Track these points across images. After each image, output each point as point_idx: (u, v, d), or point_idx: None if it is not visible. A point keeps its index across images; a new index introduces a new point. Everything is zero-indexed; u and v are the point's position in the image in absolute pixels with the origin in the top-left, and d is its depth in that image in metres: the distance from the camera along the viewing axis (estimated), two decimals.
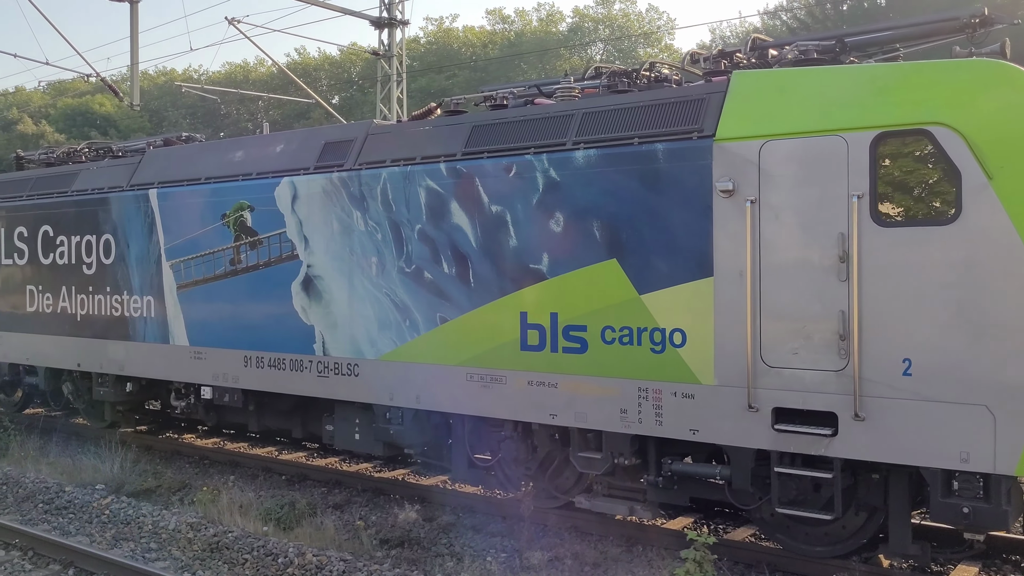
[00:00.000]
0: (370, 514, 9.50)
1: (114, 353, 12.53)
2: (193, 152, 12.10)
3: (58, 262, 13.33)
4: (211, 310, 11.27)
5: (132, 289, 12.26)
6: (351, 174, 9.88)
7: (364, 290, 9.72)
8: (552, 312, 8.34)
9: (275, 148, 11.00)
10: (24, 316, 13.87)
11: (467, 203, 8.93)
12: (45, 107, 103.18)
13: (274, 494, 10.37)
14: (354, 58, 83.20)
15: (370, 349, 9.69)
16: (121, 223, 12.41)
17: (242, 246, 10.92)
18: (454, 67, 68.19)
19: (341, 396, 10.00)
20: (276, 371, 10.56)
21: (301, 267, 10.31)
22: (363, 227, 9.74)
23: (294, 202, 10.39)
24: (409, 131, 9.76)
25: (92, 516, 9.10)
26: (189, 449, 12.94)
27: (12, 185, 14.48)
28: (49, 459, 12.29)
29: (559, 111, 8.61)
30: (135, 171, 12.55)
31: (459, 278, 8.97)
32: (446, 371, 9.06)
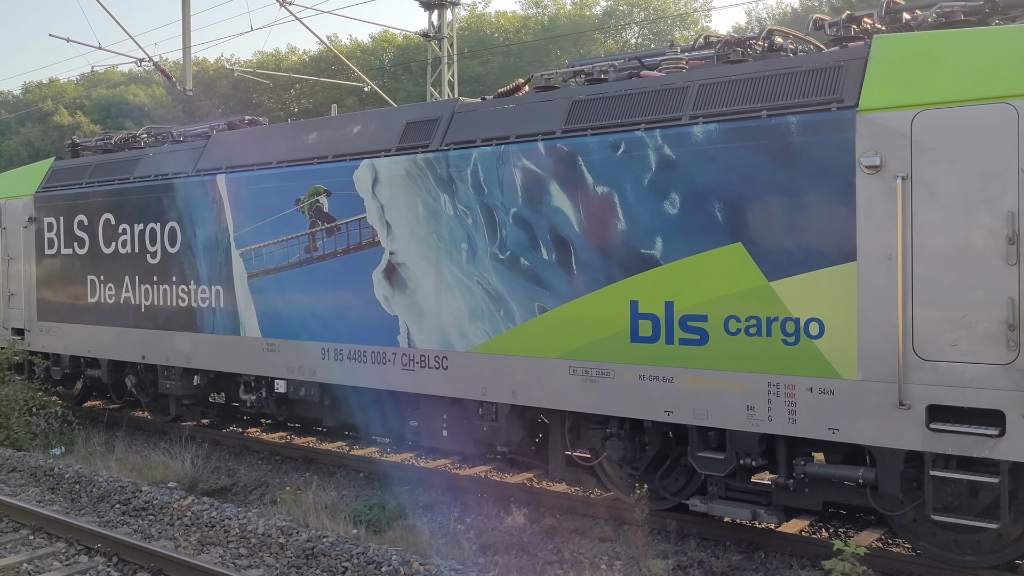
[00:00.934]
0: (463, 516, 8.95)
1: (181, 345, 12.08)
2: (263, 135, 11.58)
3: (120, 251, 12.90)
4: (285, 300, 10.77)
5: (199, 279, 11.79)
6: (437, 155, 9.30)
7: (453, 278, 9.16)
8: (667, 301, 7.72)
9: (352, 129, 10.44)
10: (85, 307, 13.47)
11: (568, 184, 8.32)
12: (79, 98, 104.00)
13: (357, 493, 9.87)
14: (386, 45, 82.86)
15: (460, 341, 9.12)
16: (187, 210, 11.94)
17: (318, 233, 10.39)
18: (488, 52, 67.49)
19: (428, 390, 9.46)
20: (356, 364, 10.04)
21: (383, 254, 9.76)
22: (452, 211, 9.16)
23: (375, 186, 9.83)
24: (500, 109, 9.16)
25: (173, 518, 8.63)
26: (258, 444, 12.48)
27: (71, 172, 14.07)
28: (116, 455, 11.88)
29: (672, 83, 7.96)
30: (201, 156, 12.06)
31: (560, 265, 8.37)
32: (546, 364, 8.48)
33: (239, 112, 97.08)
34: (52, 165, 14.64)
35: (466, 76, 57.19)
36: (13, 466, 10.79)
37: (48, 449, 12.26)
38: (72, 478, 10.04)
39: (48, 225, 14.11)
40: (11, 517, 8.88)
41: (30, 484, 10.25)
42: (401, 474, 10.71)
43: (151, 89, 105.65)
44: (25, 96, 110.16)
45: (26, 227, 14.49)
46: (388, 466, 11.04)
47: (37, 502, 9.51)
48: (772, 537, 8.13)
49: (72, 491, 9.80)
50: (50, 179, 14.36)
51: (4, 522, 8.83)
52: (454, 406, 9.45)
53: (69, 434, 12.71)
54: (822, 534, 8.40)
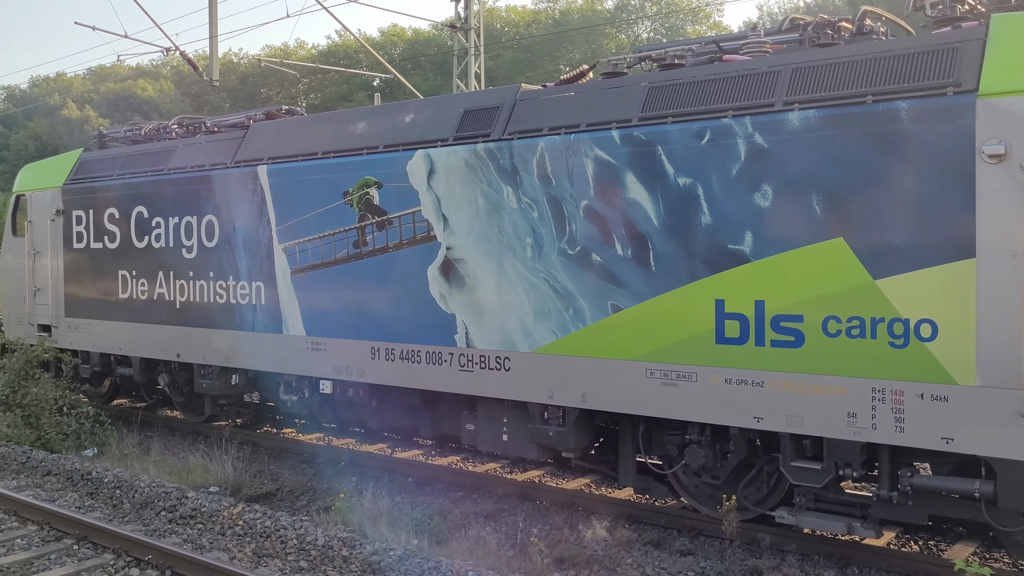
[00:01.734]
0: (529, 526, 8.48)
1: (219, 343, 11.62)
2: (307, 124, 11.10)
3: (154, 245, 12.43)
4: (332, 297, 10.29)
5: (239, 274, 11.32)
6: (500, 144, 8.82)
7: (517, 275, 8.67)
8: (758, 300, 7.23)
9: (404, 118, 9.96)
10: (116, 303, 13.01)
11: (647, 175, 7.83)
12: (87, 92, 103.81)
13: (411, 500, 9.39)
14: (395, 39, 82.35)
15: (524, 341, 8.64)
16: (226, 203, 11.46)
17: (368, 227, 9.91)
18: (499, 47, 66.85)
19: (488, 393, 8.98)
20: (409, 364, 9.56)
21: (439, 249, 9.28)
22: (515, 204, 8.68)
23: (430, 177, 9.35)
24: (569, 95, 8.66)
25: (224, 527, 8.17)
26: (297, 446, 12.01)
27: (100, 164, 13.60)
28: (152, 457, 11.42)
29: (762, 67, 7.46)
30: (240, 146, 11.59)
31: (636, 261, 7.88)
32: (620, 366, 7.99)
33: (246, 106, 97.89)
34: (80, 156, 14.18)
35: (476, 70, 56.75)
36: (48, 469, 10.34)
37: (80, 450, 11.81)
38: (112, 483, 9.57)
39: (76, 218, 13.66)
40: (52, 525, 8.42)
41: (67, 488, 9.80)
42: (452, 479, 10.24)
43: (159, 83, 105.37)
44: (32, 90, 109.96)
45: (53, 220, 14.03)
46: (437, 470, 10.57)
47: (77, 508, 9.06)
48: (863, 551, 7.65)
49: (112, 496, 9.34)
50: (78, 171, 13.90)
51: (46, 530, 8.38)
52: (516, 409, 8.97)
53: (101, 435, 12.25)
54: (911, 547, 7.93)
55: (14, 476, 10.33)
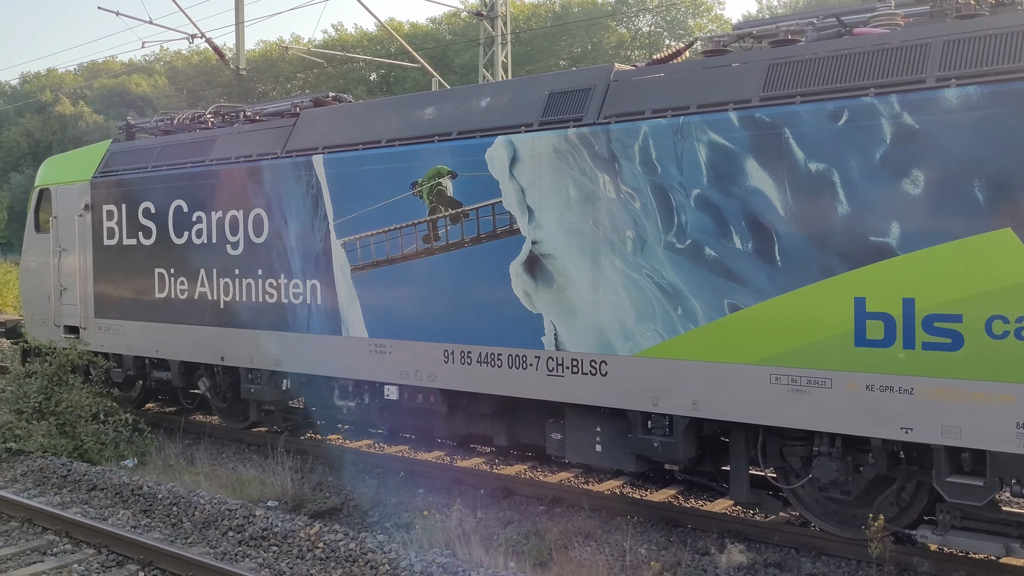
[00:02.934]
0: (636, 546, 7.76)
1: (268, 346, 10.87)
2: (368, 111, 10.35)
3: (195, 241, 11.67)
4: (398, 296, 9.56)
5: (291, 272, 10.57)
6: (594, 129, 8.09)
7: (615, 271, 7.96)
8: (906, 298, 6.52)
9: (479, 102, 9.22)
10: (152, 303, 12.25)
11: (771, 160, 7.12)
12: (80, 88, 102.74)
13: (497, 517, 8.67)
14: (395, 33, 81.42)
15: (623, 343, 7.93)
16: (276, 195, 10.71)
17: (440, 220, 9.18)
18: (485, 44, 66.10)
19: (581, 400, 8.27)
20: (489, 368, 8.84)
21: (524, 244, 8.55)
22: (613, 194, 7.96)
23: (513, 165, 8.62)
24: (674, 75, 7.94)
25: (303, 550, 7.44)
26: (352, 455, 11.26)
27: (132, 155, 12.82)
28: (198, 468, 10.67)
29: (907, 40, 6.75)
30: (290, 135, 10.83)
31: (758, 255, 7.17)
32: (738, 371, 7.29)
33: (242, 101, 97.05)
34: (109, 148, 13.39)
35: (475, 66, 55.96)
36: (92, 483, 9.58)
37: (119, 461, 11.05)
38: (167, 498, 8.83)
39: (107, 213, 12.88)
40: (111, 548, 7.68)
41: (117, 505, 9.05)
42: (531, 491, 9.51)
43: (153, 79, 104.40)
44: (23, 87, 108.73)
45: (81, 215, 13.25)
46: (509, 481, 9.83)
47: (133, 528, 8.31)
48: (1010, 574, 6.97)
49: (170, 514, 8.60)
50: (108, 163, 13.12)
51: (104, 554, 7.64)
52: (612, 418, 8.26)
53: (140, 443, 11.50)
54: None
55: (56, 491, 9.58)
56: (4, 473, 10.29)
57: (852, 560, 7.41)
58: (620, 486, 9.72)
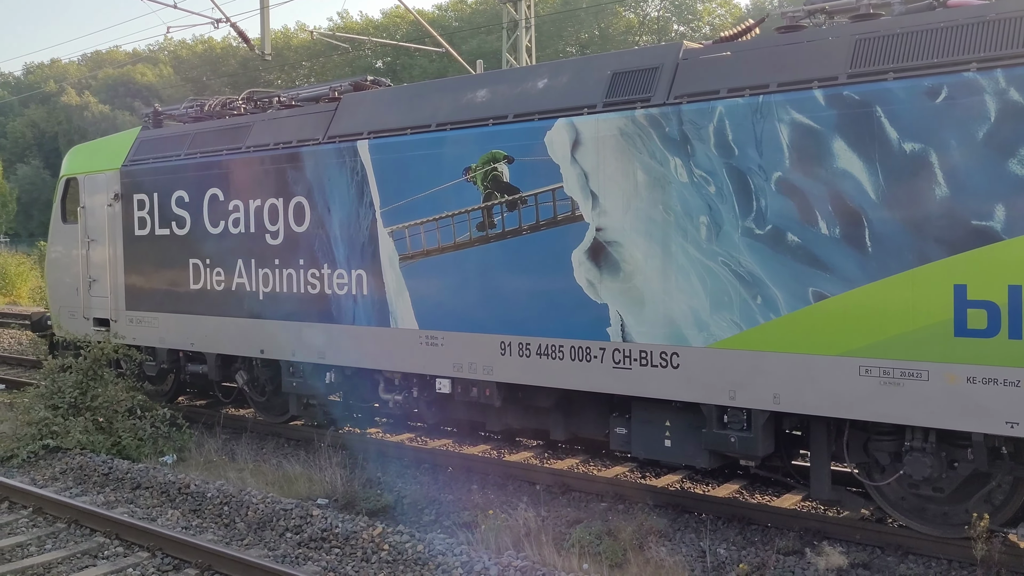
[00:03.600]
0: (714, 546, 7.43)
1: (311, 338, 10.53)
2: (416, 94, 9.97)
3: (231, 231, 11.32)
4: (451, 286, 9.21)
5: (335, 262, 10.23)
6: (664, 110, 7.72)
7: (687, 259, 7.60)
8: (1013, 285, 6.16)
9: (536, 83, 8.85)
10: (187, 295, 11.91)
11: (861, 140, 6.75)
12: (85, 79, 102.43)
13: (559, 514, 8.34)
14: (398, 21, 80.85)
15: (697, 334, 7.58)
16: (318, 183, 10.35)
17: (496, 207, 8.82)
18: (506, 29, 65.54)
19: (649, 393, 7.93)
20: (549, 361, 8.50)
21: (587, 231, 8.20)
22: (685, 178, 7.59)
23: (575, 149, 8.25)
24: (751, 52, 7.57)
25: (368, 552, 7.12)
26: (396, 450, 10.92)
27: (164, 143, 12.46)
28: (239, 464, 10.36)
29: (1013, 11, 6.36)
30: (332, 120, 10.46)
31: (846, 241, 6.81)
32: (824, 363, 6.94)
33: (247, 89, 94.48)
34: (139, 135, 13.04)
35: (483, 52, 55.32)
36: (136, 481, 9.27)
37: (158, 457, 10.74)
38: (217, 498, 8.51)
39: (138, 203, 12.53)
40: (166, 550, 7.36)
41: (164, 504, 8.73)
42: (586, 487, 9.19)
43: (159, 69, 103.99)
44: (27, 77, 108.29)
45: (111, 205, 12.91)
46: (565, 476, 9.50)
47: (184, 529, 8.00)
48: None
49: (221, 514, 8.29)
50: (138, 151, 12.77)
51: (158, 557, 7.33)
52: (684, 411, 7.92)
53: (179, 439, 11.18)
54: None
55: (99, 490, 9.27)
56: (43, 471, 9.98)
57: (943, 560, 7.08)
58: (679, 481, 9.40)
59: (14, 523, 8.30)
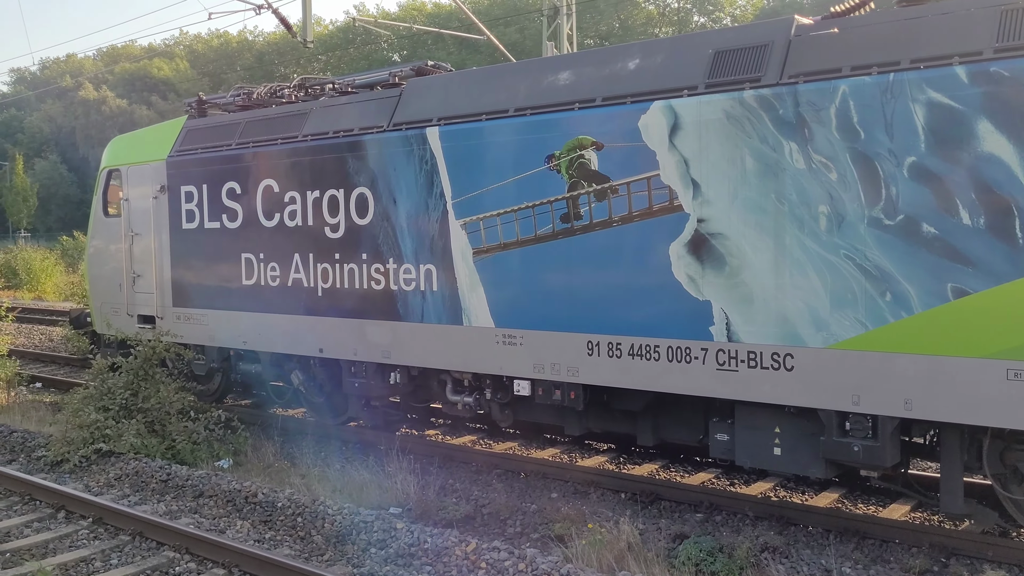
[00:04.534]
0: (839, 564, 6.84)
1: (376, 336, 9.98)
2: (491, 78, 9.38)
3: (288, 224, 10.78)
4: (531, 282, 8.65)
5: (402, 256, 9.67)
6: (777, 91, 7.12)
7: (804, 252, 7.01)
8: None
9: (626, 64, 8.26)
10: (239, 291, 11.39)
11: (1011, 121, 6.13)
12: (101, 73, 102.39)
13: (657, 525, 7.77)
14: (415, 13, 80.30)
15: (815, 334, 6.99)
16: (383, 172, 9.79)
17: (582, 197, 8.24)
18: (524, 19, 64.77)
19: (758, 397, 7.34)
20: (643, 362, 7.92)
21: (687, 222, 7.61)
22: (802, 164, 6.99)
23: (674, 134, 7.66)
24: (875, 26, 6.95)
25: (463, 570, 6.56)
26: (464, 454, 10.35)
27: (213, 132, 11.93)
28: (301, 469, 9.83)
29: None
30: (397, 106, 9.89)
31: (993, 232, 6.20)
32: (965, 366, 6.33)
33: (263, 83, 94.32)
34: (185, 125, 12.50)
35: (504, 42, 54.67)
36: (198, 488, 8.75)
37: (213, 461, 10.23)
38: (288, 508, 7.98)
39: (186, 195, 12.00)
40: (243, 567, 6.82)
41: (232, 515, 8.20)
42: (682, 496, 8.60)
43: (175, 63, 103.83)
44: (43, 73, 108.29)
45: (156, 197, 12.39)
46: (649, 484, 8.91)
47: (256, 542, 7.46)
48: None
49: (295, 526, 7.75)
50: (185, 141, 12.24)
51: (235, 574, 6.79)
52: (797, 417, 7.33)
53: (234, 442, 10.67)
54: None
55: (159, 498, 8.74)
56: (96, 476, 9.48)
57: None
58: (771, 489, 8.81)
59: (74, 535, 7.79)
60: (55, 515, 8.32)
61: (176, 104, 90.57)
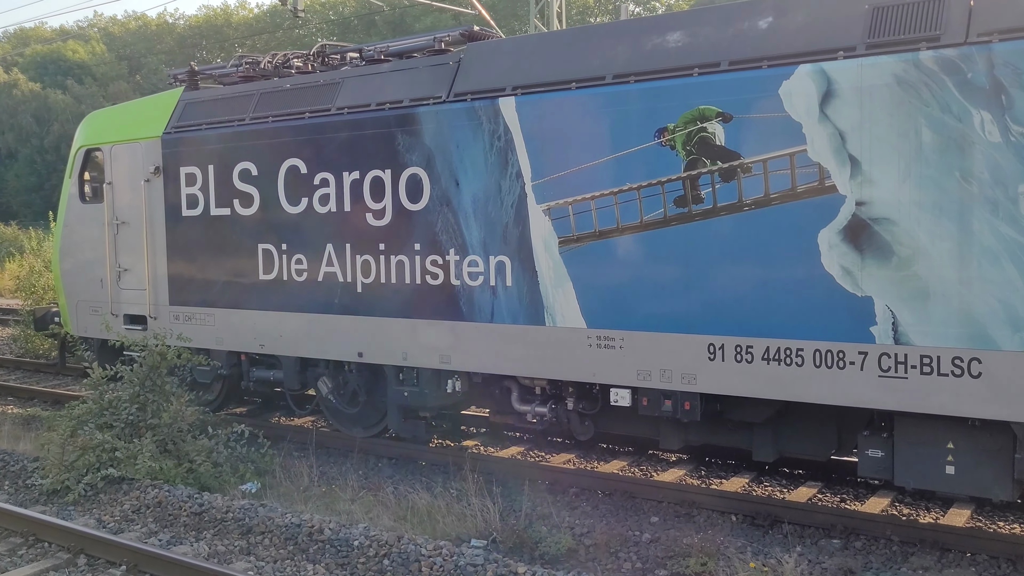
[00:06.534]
0: None
1: (431, 338, 8.70)
2: (579, 39, 8.15)
3: (318, 210, 9.39)
4: (635, 275, 7.50)
5: (466, 246, 8.41)
6: (965, 51, 6.10)
7: (998, 239, 6.01)
8: None
9: (757, 22, 7.14)
10: (255, 287, 9.95)
11: None
12: (10, 55, 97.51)
13: (813, 560, 6.69)
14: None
15: (1011, 335, 6.00)
16: (441, 149, 8.50)
17: (703, 176, 7.11)
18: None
19: (937, 408, 6.33)
20: (781, 368, 6.84)
21: (842, 205, 6.55)
22: (997, 137, 5.99)
23: (826, 103, 6.58)
24: None
25: None
26: (525, 469, 9.07)
27: (220, 106, 10.43)
28: (349, 495, 8.48)
29: None
30: (457, 73, 8.60)
31: None
32: None
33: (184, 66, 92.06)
34: (181, 97, 10.95)
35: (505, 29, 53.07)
36: (244, 523, 7.33)
37: (238, 484, 8.80)
38: (368, 547, 6.65)
39: (187, 177, 10.48)
40: None
41: (296, 556, 6.83)
42: (805, 519, 7.54)
43: (90, 46, 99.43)
44: None
45: (149, 181, 10.83)
46: (775, 507, 7.79)
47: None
48: None
49: (382, 571, 6.44)
50: (183, 115, 10.70)
51: None
52: (979, 431, 6.34)
53: (259, 461, 9.25)
54: None
55: (195, 535, 7.31)
56: (107, 509, 7.98)
57: None
58: (916, 511, 7.83)
59: None
60: (74, 561, 6.85)
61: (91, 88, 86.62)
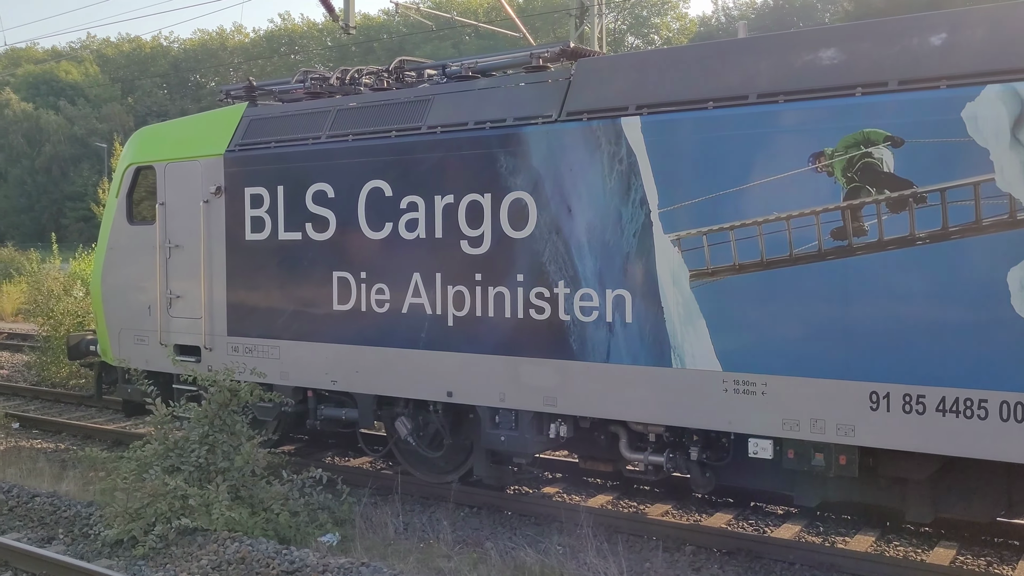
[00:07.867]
0: None
1: (535, 378, 7.95)
2: (714, 55, 7.49)
3: (404, 236, 8.66)
4: (781, 314, 6.80)
5: (578, 278, 7.69)
6: None
7: None
8: None
9: (927, 38, 6.50)
10: (328, 318, 9.18)
11: None
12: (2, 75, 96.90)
13: None
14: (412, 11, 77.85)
15: None
16: (551, 173, 7.81)
17: (867, 207, 6.44)
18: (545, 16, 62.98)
19: None
20: (958, 420, 6.14)
21: None
22: None
23: (1019, 127, 5.94)
24: None
25: None
26: (643, 526, 8.28)
27: (291, 122, 9.70)
28: (443, 549, 7.68)
29: None
30: (568, 90, 7.93)
31: None
32: None
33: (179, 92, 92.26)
34: (245, 113, 10.22)
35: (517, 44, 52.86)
36: None
37: (317, 536, 7.99)
38: None
39: (252, 198, 9.73)
40: None
41: None
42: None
43: (83, 67, 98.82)
44: None
45: (208, 201, 10.07)
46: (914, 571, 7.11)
47: None
48: None
49: None
50: (248, 132, 9.97)
51: None
52: None
53: (340, 510, 8.44)
54: None
55: None
56: (182, 564, 7.14)
57: None
58: None
59: None
60: None
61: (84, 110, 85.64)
